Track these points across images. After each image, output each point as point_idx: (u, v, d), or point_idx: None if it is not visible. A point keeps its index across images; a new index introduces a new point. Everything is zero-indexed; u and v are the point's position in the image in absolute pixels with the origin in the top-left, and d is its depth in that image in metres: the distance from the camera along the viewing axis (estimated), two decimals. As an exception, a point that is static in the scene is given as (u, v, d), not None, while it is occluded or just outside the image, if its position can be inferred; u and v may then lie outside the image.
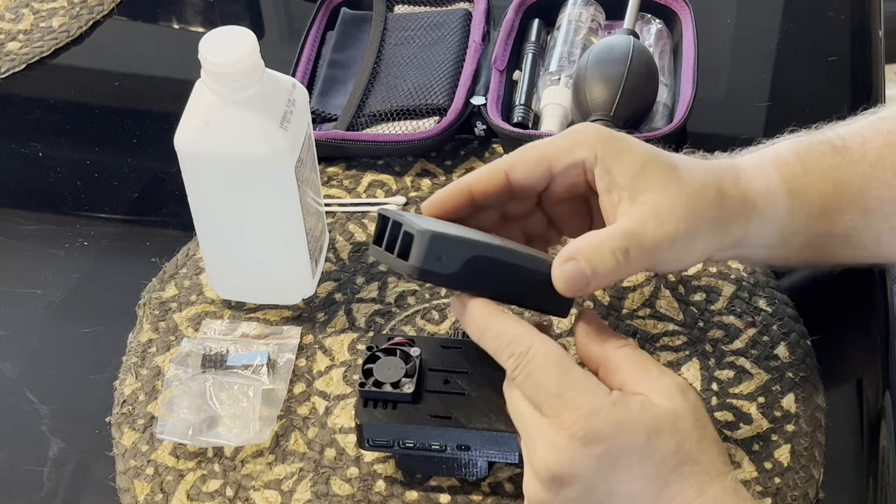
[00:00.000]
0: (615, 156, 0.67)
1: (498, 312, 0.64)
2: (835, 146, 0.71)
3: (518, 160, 0.69)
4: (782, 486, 0.70)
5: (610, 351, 0.64)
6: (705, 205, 0.67)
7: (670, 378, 0.63)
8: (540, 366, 0.62)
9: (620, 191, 0.67)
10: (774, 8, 1.05)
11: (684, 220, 0.66)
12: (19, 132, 0.97)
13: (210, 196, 0.76)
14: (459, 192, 0.69)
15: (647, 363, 0.63)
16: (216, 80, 0.71)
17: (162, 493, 0.72)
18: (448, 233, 0.63)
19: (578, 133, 0.69)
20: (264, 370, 0.76)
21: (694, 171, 0.68)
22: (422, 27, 0.99)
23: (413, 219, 0.64)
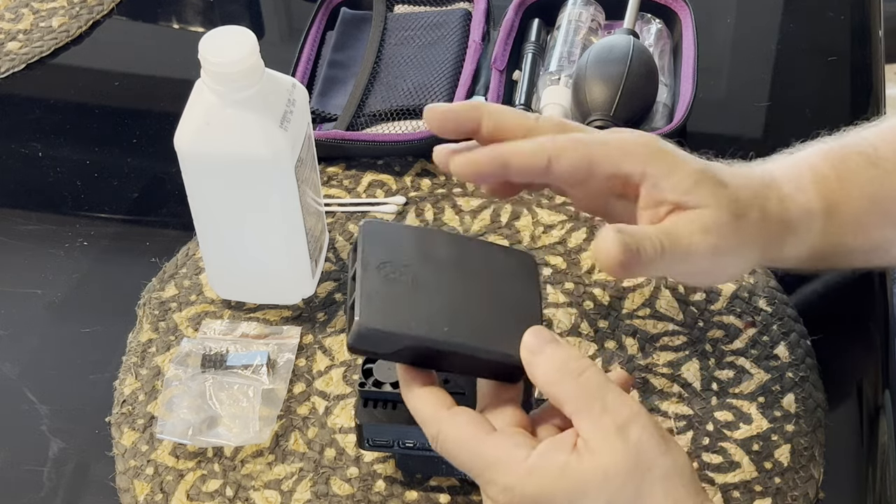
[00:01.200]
0: (666, 174, 0.67)
1: (415, 387, 0.63)
2: (869, 158, 0.71)
3: (564, 150, 0.67)
4: (782, 486, 0.70)
5: (552, 388, 0.61)
6: (751, 224, 0.67)
7: (611, 416, 0.59)
8: (452, 449, 0.62)
9: (670, 206, 0.67)
10: (774, 8, 1.05)
11: (728, 237, 0.66)
12: (19, 132, 0.97)
13: (210, 196, 0.76)
14: (497, 159, 0.67)
15: (588, 400, 0.60)
16: (216, 80, 0.71)
17: (162, 493, 0.72)
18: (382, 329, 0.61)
19: (632, 143, 0.68)
20: (264, 370, 0.76)
21: (742, 189, 0.68)
22: (422, 27, 0.99)
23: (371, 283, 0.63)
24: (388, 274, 0.63)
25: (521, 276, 0.66)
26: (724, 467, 0.71)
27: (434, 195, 0.88)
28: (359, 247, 0.64)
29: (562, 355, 0.61)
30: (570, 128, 0.69)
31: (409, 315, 0.62)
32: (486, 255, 0.67)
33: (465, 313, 0.63)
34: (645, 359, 0.76)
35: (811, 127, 0.76)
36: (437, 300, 0.63)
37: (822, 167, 0.70)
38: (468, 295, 0.64)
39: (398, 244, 0.65)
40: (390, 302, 0.62)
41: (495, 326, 0.63)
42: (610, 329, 0.78)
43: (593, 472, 0.58)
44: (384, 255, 0.64)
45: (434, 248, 0.66)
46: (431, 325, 0.62)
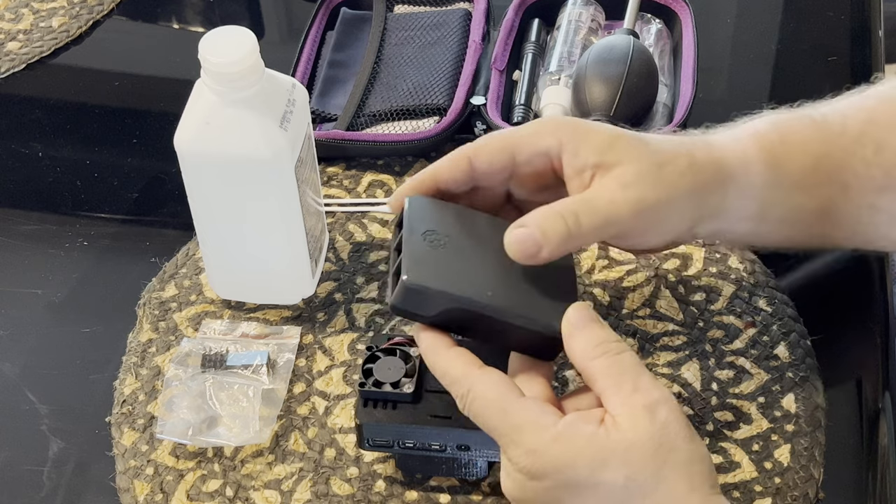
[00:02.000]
0: (581, 138, 0.67)
1: (442, 349, 0.63)
2: (815, 121, 0.70)
3: (481, 147, 0.69)
4: (782, 486, 0.70)
5: (588, 362, 0.62)
6: (677, 172, 0.66)
7: (642, 396, 0.60)
8: (480, 409, 0.62)
9: (591, 169, 0.66)
10: (774, 8, 1.05)
11: (652, 187, 0.65)
12: (19, 132, 0.97)
13: (210, 196, 0.76)
14: (427, 182, 0.68)
15: (621, 377, 0.61)
16: (216, 80, 0.71)
17: (162, 493, 0.72)
18: (429, 286, 0.63)
19: (542, 123, 0.69)
20: (264, 370, 0.76)
21: (664, 142, 0.67)
22: (422, 27, 0.99)
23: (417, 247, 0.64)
24: (432, 241, 0.65)
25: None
26: (724, 467, 0.71)
27: (434, 195, 0.88)
28: (404, 217, 0.66)
29: (603, 334, 0.62)
30: None
31: (454, 277, 0.64)
32: None
33: (508, 282, 0.64)
34: (645, 359, 0.76)
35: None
36: (480, 267, 0.65)
37: (764, 127, 0.70)
38: (509, 267, 0.65)
39: (442, 217, 0.67)
40: (435, 264, 0.64)
41: (536, 298, 0.64)
42: (610, 329, 0.78)
43: (617, 444, 0.59)
44: (429, 225, 0.65)
45: (476, 224, 0.67)
46: (476, 289, 0.63)
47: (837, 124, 0.70)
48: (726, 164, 0.67)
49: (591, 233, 0.65)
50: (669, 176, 0.66)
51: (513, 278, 0.65)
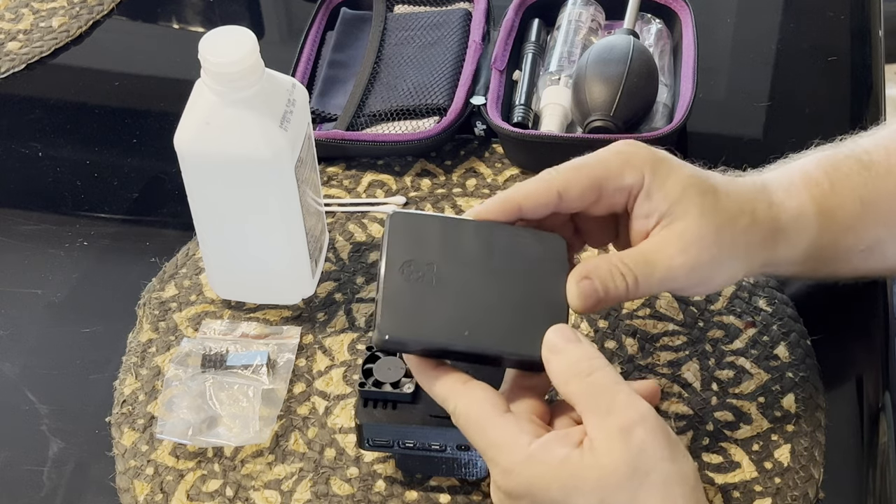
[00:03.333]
0: (660, 182, 0.68)
1: (429, 370, 0.64)
2: (861, 162, 0.72)
3: (571, 181, 0.69)
4: (782, 486, 0.70)
5: (564, 386, 0.62)
6: (736, 232, 0.68)
7: (617, 417, 0.59)
8: (464, 426, 0.63)
9: (659, 216, 0.68)
10: (774, 8, 1.05)
11: (708, 249, 0.67)
12: (19, 132, 0.97)
13: (210, 196, 0.76)
14: (508, 207, 0.69)
15: (595, 399, 0.60)
16: (216, 80, 0.71)
17: (162, 493, 0.72)
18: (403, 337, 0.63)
19: (628, 154, 0.69)
20: (264, 370, 0.76)
21: (732, 195, 0.69)
22: (422, 27, 0.99)
23: (394, 287, 0.64)
24: (410, 275, 0.64)
25: (549, 263, 0.67)
26: (724, 467, 0.71)
27: (434, 195, 0.88)
28: (386, 241, 0.65)
29: (578, 354, 0.62)
30: None
31: (430, 320, 0.63)
32: (514, 242, 0.67)
33: (488, 313, 0.64)
34: (645, 359, 0.76)
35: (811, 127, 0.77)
36: (459, 300, 0.64)
37: (815, 173, 0.71)
38: (493, 291, 0.65)
39: (424, 238, 0.66)
40: (411, 306, 0.63)
41: (519, 324, 0.64)
42: (610, 329, 0.78)
43: (590, 470, 0.59)
44: (408, 252, 0.65)
45: (461, 240, 0.66)
46: (452, 330, 0.63)
47: (883, 165, 0.72)
48: (782, 220, 0.70)
49: (646, 293, 0.68)
50: (728, 236, 0.68)
51: (496, 305, 0.64)
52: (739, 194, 0.69)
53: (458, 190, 0.88)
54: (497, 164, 0.90)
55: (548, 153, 0.87)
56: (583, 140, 0.86)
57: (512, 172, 0.89)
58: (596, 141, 0.85)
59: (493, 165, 0.90)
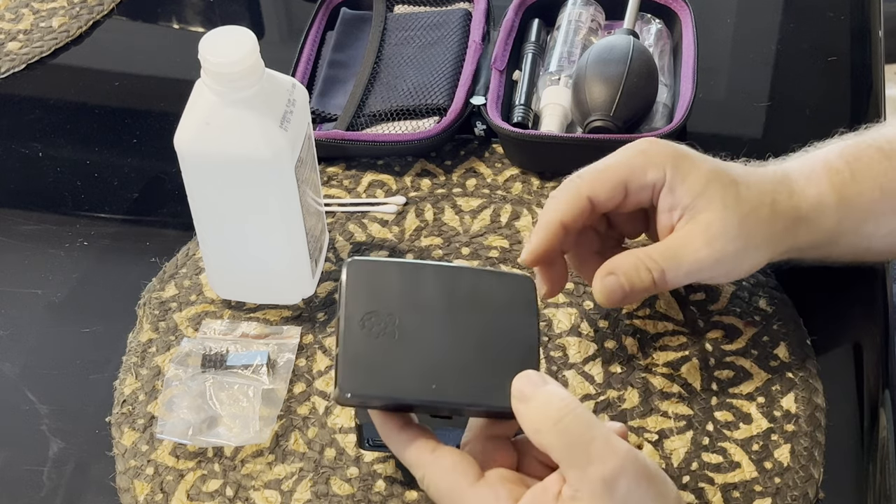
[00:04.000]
0: (682, 177, 0.70)
1: (395, 432, 0.62)
2: (883, 150, 0.73)
3: (597, 184, 0.71)
4: (782, 486, 0.70)
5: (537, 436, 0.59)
6: (759, 222, 0.70)
7: (598, 467, 0.57)
8: (435, 497, 0.62)
9: (682, 210, 0.70)
10: (774, 8, 1.05)
11: (733, 241, 0.69)
12: (19, 132, 0.97)
13: (210, 196, 0.76)
14: (554, 230, 0.71)
15: (572, 449, 0.58)
16: (216, 80, 0.71)
17: (162, 493, 0.72)
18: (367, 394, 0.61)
19: (649, 152, 0.71)
20: (264, 370, 0.76)
21: (752, 186, 0.71)
22: (422, 27, 0.99)
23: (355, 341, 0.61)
24: (371, 328, 0.62)
25: (517, 305, 0.64)
26: (724, 467, 0.71)
27: (434, 195, 0.88)
28: (344, 293, 0.63)
29: (547, 399, 0.59)
30: None
31: (395, 375, 0.61)
32: (480, 285, 0.64)
33: (455, 364, 0.62)
34: (645, 359, 0.76)
35: (811, 127, 0.77)
36: (424, 353, 0.62)
37: (836, 162, 0.73)
38: (459, 340, 0.62)
39: (384, 287, 0.63)
40: (374, 362, 0.61)
41: (488, 373, 0.62)
42: (610, 329, 0.78)
43: None
44: (369, 303, 0.62)
45: (423, 287, 0.63)
46: (418, 385, 0.61)
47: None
48: (802, 208, 0.71)
49: (673, 285, 0.71)
50: (751, 227, 0.70)
51: (462, 355, 0.62)
52: (760, 185, 0.71)
53: (458, 190, 0.88)
54: (497, 164, 0.90)
55: (548, 153, 0.87)
56: (583, 140, 0.86)
57: (512, 172, 0.89)
58: (596, 141, 0.85)
59: (493, 165, 0.90)
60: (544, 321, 0.78)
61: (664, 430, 0.72)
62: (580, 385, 0.75)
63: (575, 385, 0.75)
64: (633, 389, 0.75)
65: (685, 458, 0.71)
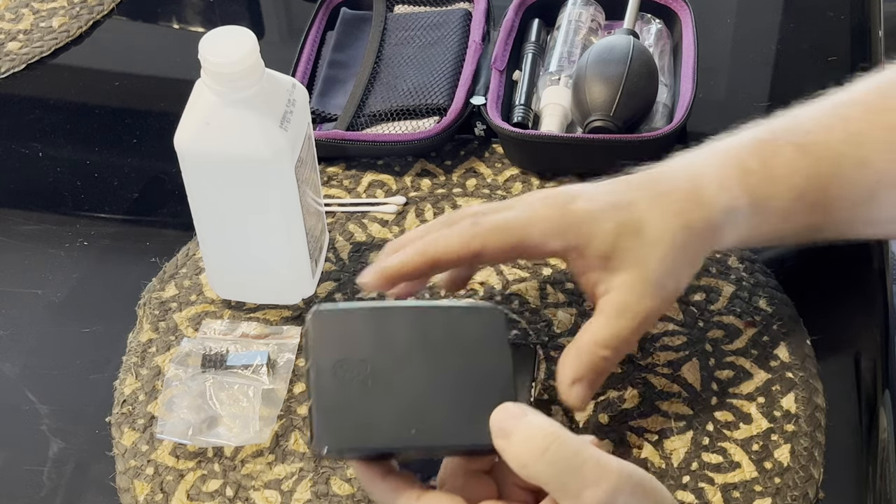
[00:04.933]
0: (585, 243, 0.69)
1: (377, 481, 0.61)
2: (799, 146, 0.72)
3: (490, 243, 0.69)
4: (782, 486, 0.70)
5: (524, 470, 0.57)
6: (676, 254, 0.70)
7: (594, 491, 0.55)
8: None
9: (596, 273, 0.69)
10: (774, 8, 1.05)
11: (662, 289, 0.69)
12: (19, 132, 0.97)
13: (210, 196, 0.76)
14: (425, 261, 0.69)
15: (563, 478, 0.56)
16: (216, 80, 0.71)
17: (162, 493, 0.72)
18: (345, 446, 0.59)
19: (549, 224, 0.69)
20: (264, 370, 0.76)
21: (660, 218, 0.69)
22: (422, 27, 0.99)
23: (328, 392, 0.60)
24: (343, 376, 0.60)
25: (488, 338, 0.63)
26: (724, 467, 0.71)
27: (434, 195, 0.88)
28: (310, 346, 0.61)
29: (528, 431, 0.57)
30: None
31: (372, 424, 0.60)
32: (449, 322, 0.63)
33: (433, 405, 0.60)
34: (645, 359, 0.76)
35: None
36: (399, 397, 0.60)
37: (751, 163, 0.72)
38: (433, 380, 0.61)
39: (352, 334, 0.61)
40: (350, 411, 0.59)
41: (465, 412, 0.60)
42: (610, 329, 0.78)
43: None
44: (338, 351, 0.61)
45: (392, 330, 0.62)
46: (397, 431, 0.60)
47: (821, 145, 0.72)
48: (715, 220, 0.71)
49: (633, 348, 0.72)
50: (671, 264, 0.70)
51: (438, 394, 0.61)
52: (668, 209, 0.70)
53: (458, 190, 0.88)
54: (497, 164, 0.90)
55: (548, 153, 0.87)
56: (583, 140, 0.86)
57: (512, 172, 0.89)
58: (596, 141, 0.85)
59: (493, 165, 0.90)
60: (544, 321, 0.78)
61: (664, 430, 0.72)
62: (580, 385, 0.75)
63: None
64: (633, 389, 0.75)
65: (685, 458, 0.71)
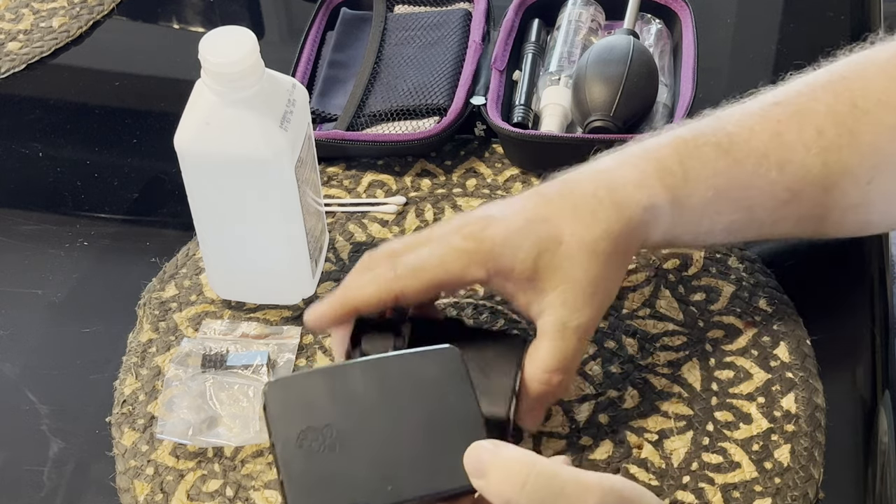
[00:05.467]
0: (508, 268, 0.69)
1: None
2: (720, 146, 0.72)
3: (409, 287, 0.69)
4: (782, 486, 0.70)
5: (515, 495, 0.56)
6: (601, 261, 0.69)
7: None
8: None
9: (526, 294, 0.69)
10: (774, 8, 1.05)
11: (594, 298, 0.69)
12: (19, 132, 0.97)
13: (210, 196, 0.76)
14: (345, 311, 0.70)
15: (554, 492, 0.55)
16: (216, 80, 0.71)
17: (162, 493, 0.72)
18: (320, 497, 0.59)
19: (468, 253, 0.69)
20: (264, 370, 0.76)
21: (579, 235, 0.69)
22: (422, 27, 0.99)
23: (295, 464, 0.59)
24: (309, 445, 0.59)
25: (448, 379, 0.62)
26: (724, 467, 0.71)
27: (434, 195, 0.88)
28: (270, 420, 0.59)
29: (504, 465, 0.57)
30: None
31: (346, 487, 0.59)
32: (406, 370, 0.62)
33: (405, 458, 0.60)
34: (645, 359, 0.76)
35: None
36: (370, 456, 0.60)
37: (670, 161, 0.72)
38: (401, 433, 0.60)
39: (311, 400, 0.60)
40: (321, 478, 0.59)
41: (439, 457, 0.60)
42: (610, 329, 0.78)
43: None
44: (300, 421, 0.60)
45: (350, 389, 0.61)
46: (372, 490, 0.59)
47: (742, 146, 0.72)
48: (636, 217, 0.70)
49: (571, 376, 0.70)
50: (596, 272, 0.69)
51: (409, 446, 0.60)
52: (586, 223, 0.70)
53: (459, 190, 0.88)
54: (497, 164, 0.90)
55: (548, 153, 0.87)
56: (583, 140, 0.86)
57: (512, 172, 0.89)
58: (596, 141, 0.85)
59: (493, 165, 0.90)
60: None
61: (664, 430, 0.72)
62: (580, 385, 0.75)
63: (575, 385, 0.75)
64: (633, 389, 0.75)
65: (685, 458, 0.71)
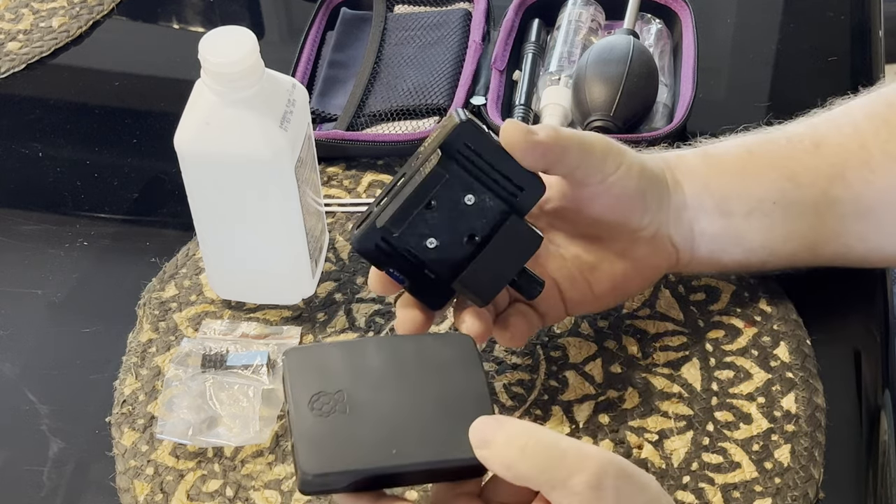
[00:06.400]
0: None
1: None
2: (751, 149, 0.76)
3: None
4: (782, 486, 0.70)
5: (510, 472, 0.57)
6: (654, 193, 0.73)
7: (581, 476, 0.55)
8: None
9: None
10: (774, 8, 1.05)
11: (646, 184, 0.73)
12: (19, 132, 0.97)
13: (210, 196, 0.76)
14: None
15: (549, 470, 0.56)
16: (216, 80, 0.71)
17: (162, 493, 0.72)
18: (329, 470, 0.60)
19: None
20: (264, 370, 0.76)
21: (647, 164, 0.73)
22: (422, 27, 0.99)
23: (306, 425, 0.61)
24: (321, 408, 0.61)
25: (461, 362, 0.64)
26: (724, 467, 0.71)
27: (434, 195, 0.88)
28: (286, 383, 0.62)
29: (506, 434, 0.58)
30: None
31: (354, 448, 0.60)
32: (421, 349, 0.64)
33: (411, 427, 0.61)
34: (645, 359, 0.76)
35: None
36: (378, 422, 0.61)
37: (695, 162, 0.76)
38: (411, 404, 0.62)
39: (327, 368, 0.63)
40: (330, 439, 0.61)
41: (445, 430, 0.61)
42: (610, 329, 0.78)
43: None
44: (314, 385, 0.62)
45: (366, 361, 0.63)
46: (379, 453, 0.60)
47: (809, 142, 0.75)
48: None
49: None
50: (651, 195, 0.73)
51: (417, 417, 0.62)
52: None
53: (458, 190, 0.88)
54: (497, 164, 0.90)
55: (548, 153, 0.87)
56: (583, 140, 0.86)
57: (512, 172, 0.89)
58: (596, 141, 0.85)
59: (493, 165, 0.90)
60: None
61: (664, 430, 0.72)
62: (580, 385, 0.75)
63: (575, 385, 0.75)
64: (633, 389, 0.75)
65: (685, 458, 0.71)
